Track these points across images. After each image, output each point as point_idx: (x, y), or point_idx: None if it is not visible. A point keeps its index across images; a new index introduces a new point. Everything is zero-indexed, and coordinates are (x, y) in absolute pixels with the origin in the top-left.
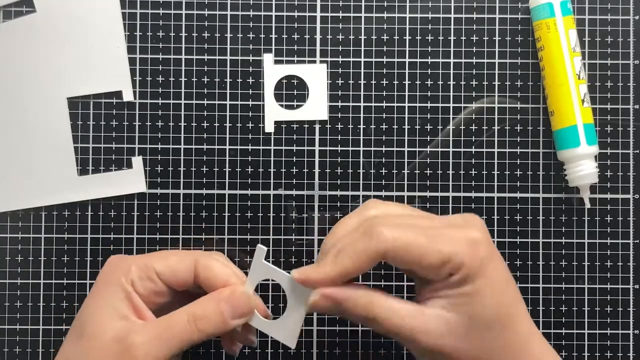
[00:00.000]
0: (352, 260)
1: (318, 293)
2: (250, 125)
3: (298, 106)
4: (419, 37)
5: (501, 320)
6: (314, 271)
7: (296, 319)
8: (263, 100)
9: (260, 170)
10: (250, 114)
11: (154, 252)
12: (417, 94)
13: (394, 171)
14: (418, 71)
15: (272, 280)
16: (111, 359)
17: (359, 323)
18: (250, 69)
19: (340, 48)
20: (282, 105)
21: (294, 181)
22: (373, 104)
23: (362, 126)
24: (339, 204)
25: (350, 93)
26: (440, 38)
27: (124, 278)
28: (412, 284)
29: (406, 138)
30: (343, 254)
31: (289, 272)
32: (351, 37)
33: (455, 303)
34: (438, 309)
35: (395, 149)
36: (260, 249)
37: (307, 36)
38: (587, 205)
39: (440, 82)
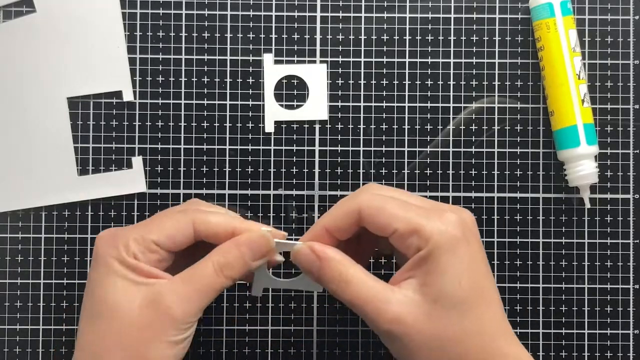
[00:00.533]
0: (331, 215)
1: (305, 244)
2: (250, 125)
3: (298, 106)
4: (419, 37)
5: (466, 305)
6: (302, 237)
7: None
8: (263, 100)
9: (260, 170)
10: (250, 114)
11: (147, 220)
12: (417, 94)
13: (394, 171)
14: (418, 71)
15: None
16: (150, 326)
17: (328, 289)
18: (250, 69)
19: (340, 48)
20: (282, 105)
21: (294, 181)
22: (373, 104)
23: (362, 126)
24: None
25: (350, 93)
26: (440, 38)
27: (125, 253)
28: None
29: (406, 138)
30: (325, 213)
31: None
32: (351, 37)
33: (422, 284)
34: (406, 290)
35: (395, 149)
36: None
37: (307, 36)
38: (587, 205)
39: (440, 82)
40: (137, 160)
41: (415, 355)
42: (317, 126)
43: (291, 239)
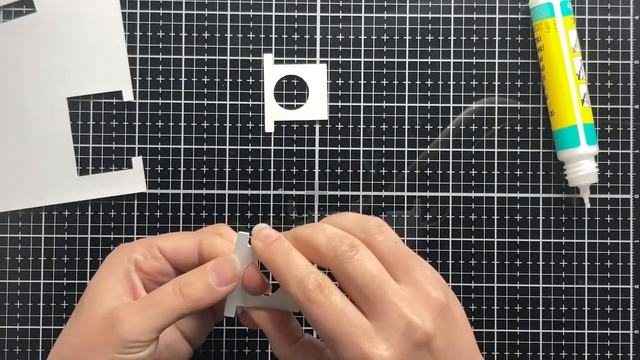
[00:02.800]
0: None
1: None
2: (250, 125)
3: (298, 106)
4: (419, 37)
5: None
6: None
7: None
8: (263, 100)
9: (260, 170)
10: (250, 114)
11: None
12: (417, 94)
13: (394, 171)
14: (418, 71)
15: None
16: (98, 335)
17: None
18: (250, 69)
19: (340, 48)
20: (282, 105)
21: (294, 181)
22: (373, 104)
23: (362, 126)
24: (339, 204)
25: (350, 93)
26: (440, 38)
27: (127, 257)
28: None
29: (406, 138)
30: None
31: None
32: (351, 37)
33: None
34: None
35: (395, 149)
36: (243, 235)
37: (307, 36)
38: (587, 205)
39: (440, 82)
40: (137, 160)
41: None
42: (317, 126)
43: None
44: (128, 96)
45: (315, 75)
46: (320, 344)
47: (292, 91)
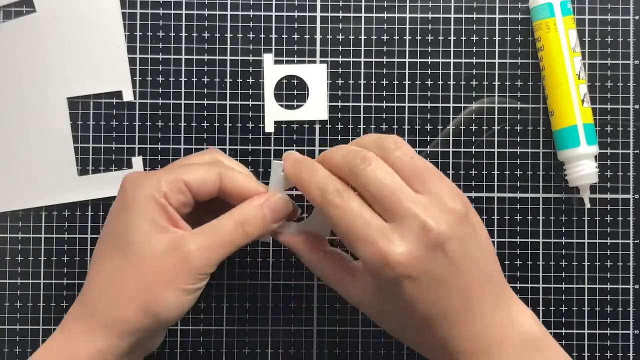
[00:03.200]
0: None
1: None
2: (250, 125)
3: (298, 106)
4: (419, 37)
5: (465, 259)
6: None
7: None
8: (263, 100)
9: (260, 170)
10: (250, 114)
11: (177, 162)
12: (417, 94)
13: None
14: (418, 71)
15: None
16: (167, 270)
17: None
18: (250, 69)
19: (340, 48)
20: (282, 105)
21: None
22: (373, 104)
23: (362, 126)
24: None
25: (350, 93)
26: (440, 38)
27: (157, 192)
28: None
29: (406, 138)
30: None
31: None
32: (351, 37)
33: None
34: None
35: None
36: (277, 164)
37: (307, 36)
38: (587, 205)
39: (440, 82)
40: (137, 160)
41: (405, 313)
42: (317, 126)
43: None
44: (128, 96)
45: (315, 75)
46: (347, 256)
47: (292, 91)
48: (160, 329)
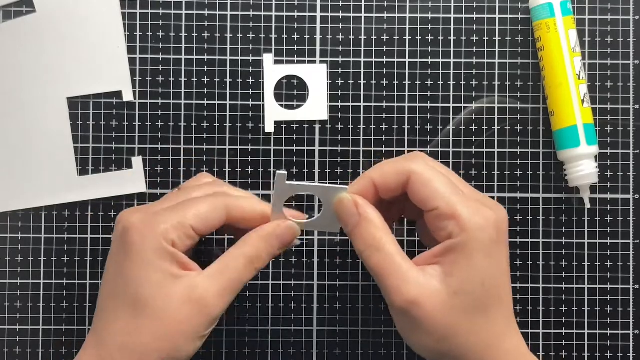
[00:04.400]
0: (382, 172)
1: (352, 196)
2: (250, 125)
3: (298, 106)
4: (419, 37)
5: (483, 305)
6: (347, 191)
7: (333, 214)
8: (263, 100)
9: (260, 170)
10: (250, 114)
11: (179, 203)
12: (417, 94)
13: None
14: (418, 71)
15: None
16: (188, 321)
17: (356, 248)
18: (250, 69)
19: (340, 48)
20: (282, 105)
21: (294, 181)
22: (373, 104)
23: (362, 126)
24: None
25: (350, 93)
26: (440, 38)
27: (165, 242)
28: None
29: (406, 138)
30: (376, 166)
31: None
32: (351, 37)
33: (447, 273)
34: (429, 275)
35: (395, 149)
36: (281, 175)
37: (307, 36)
38: (587, 205)
39: (440, 82)
40: (137, 160)
41: (420, 337)
42: (317, 126)
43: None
44: (128, 96)
45: (315, 75)
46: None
47: (292, 91)
48: None
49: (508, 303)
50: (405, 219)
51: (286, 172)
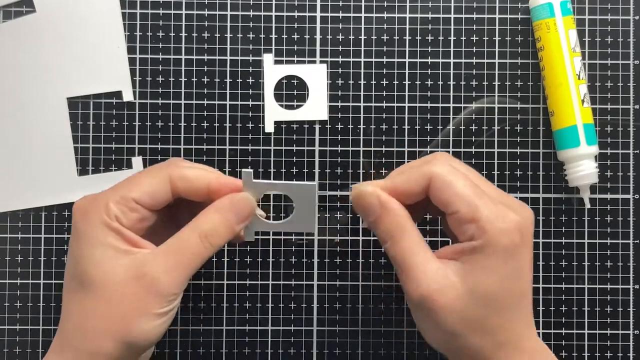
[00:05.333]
0: (404, 175)
1: (373, 187)
2: (250, 125)
3: (298, 106)
4: (419, 37)
5: (500, 305)
6: (368, 184)
7: (309, 211)
8: (263, 100)
9: (260, 170)
10: (250, 114)
11: (123, 180)
12: (417, 94)
13: None
14: (418, 71)
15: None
16: (136, 298)
17: (379, 237)
18: (250, 69)
19: (340, 48)
20: (282, 105)
21: (294, 181)
22: (373, 104)
23: (362, 126)
24: (339, 204)
25: (350, 93)
26: (440, 38)
27: (106, 216)
28: None
29: (406, 138)
30: (397, 171)
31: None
32: (351, 37)
33: (465, 271)
34: (448, 270)
35: (395, 149)
36: (247, 173)
37: (307, 36)
38: (587, 205)
39: (440, 82)
40: (137, 160)
41: (434, 329)
42: (317, 126)
43: (290, 239)
44: (128, 96)
45: (315, 75)
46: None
47: (292, 91)
48: (142, 353)
49: (527, 306)
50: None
51: (252, 170)
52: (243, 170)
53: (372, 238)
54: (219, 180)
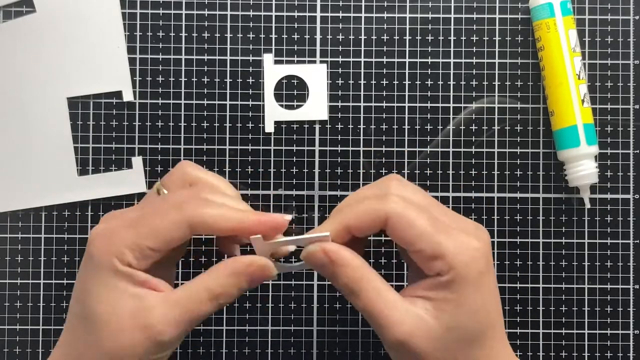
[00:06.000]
0: (355, 214)
1: (318, 246)
2: (250, 125)
3: (298, 106)
4: (419, 37)
5: (478, 337)
6: (318, 229)
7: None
8: (263, 100)
9: (260, 170)
10: (250, 114)
11: (141, 220)
12: (417, 94)
13: (394, 171)
14: (418, 71)
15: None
16: (135, 343)
17: (341, 292)
18: (250, 69)
19: (340, 48)
20: (282, 105)
21: (294, 181)
22: (373, 104)
23: (362, 126)
24: (339, 204)
25: (350, 93)
26: (440, 38)
27: (119, 262)
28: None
29: (406, 138)
30: (348, 209)
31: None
32: (351, 37)
33: (438, 309)
34: (420, 310)
35: (395, 149)
36: (255, 239)
37: (307, 36)
38: (587, 205)
39: (440, 82)
40: (137, 160)
41: None
42: (317, 126)
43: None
44: (128, 96)
45: (315, 75)
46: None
47: (292, 91)
48: None
49: (501, 327)
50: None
51: (260, 236)
52: (251, 237)
53: (372, 238)
54: (242, 225)
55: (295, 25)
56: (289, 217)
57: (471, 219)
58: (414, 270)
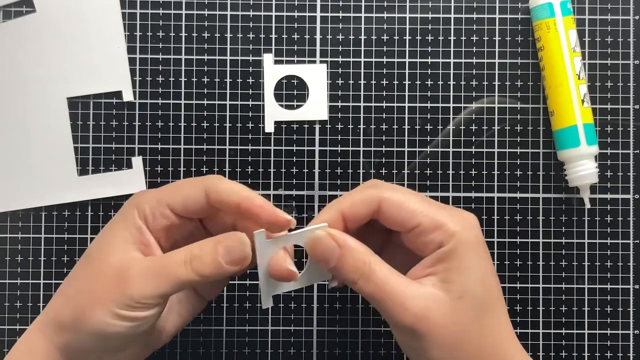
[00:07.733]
0: (350, 200)
1: (325, 230)
2: (250, 125)
3: (298, 106)
4: (419, 37)
5: (486, 304)
6: (317, 228)
7: (321, 269)
8: (263, 100)
9: (260, 170)
10: (250, 114)
11: (167, 185)
12: (417, 94)
13: (394, 171)
14: (418, 71)
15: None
16: (104, 289)
17: (347, 280)
18: (250, 69)
19: (340, 48)
20: (282, 105)
21: (294, 181)
22: (373, 104)
23: (362, 126)
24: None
25: (350, 93)
26: (440, 38)
27: (137, 213)
28: None
29: (406, 138)
30: (343, 197)
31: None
32: (351, 37)
33: (444, 280)
34: (428, 286)
35: (395, 149)
36: (259, 234)
37: (307, 36)
38: (587, 205)
39: (440, 82)
40: (137, 160)
41: (433, 351)
42: (317, 126)
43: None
44: (128, 96)
45: (315, 75)
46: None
47: (292, 91)
48: (102, 345)
49: (504, 306)
50: None
51: (264, 230)
52: (254, 232)
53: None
54: (250, 201)
55: (295, 25)
56: (293, 220)
57: None
58: (401, 262)
